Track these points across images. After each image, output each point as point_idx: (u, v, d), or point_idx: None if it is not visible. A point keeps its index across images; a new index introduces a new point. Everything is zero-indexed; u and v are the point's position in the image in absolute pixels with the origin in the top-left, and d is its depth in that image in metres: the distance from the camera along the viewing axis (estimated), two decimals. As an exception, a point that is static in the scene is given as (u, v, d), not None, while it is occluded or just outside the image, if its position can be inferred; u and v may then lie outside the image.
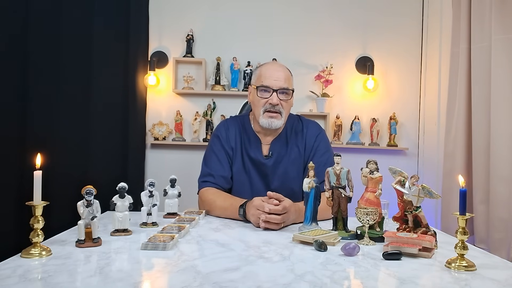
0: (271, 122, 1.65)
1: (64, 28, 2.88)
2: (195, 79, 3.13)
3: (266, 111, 1.64)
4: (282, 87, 1.64)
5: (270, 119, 1.64)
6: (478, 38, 2.29)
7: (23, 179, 2.63)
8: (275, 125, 1.66)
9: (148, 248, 1.07)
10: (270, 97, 1.63)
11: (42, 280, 0.84)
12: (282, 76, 1.66)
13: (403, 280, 0.89)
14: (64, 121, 2.87)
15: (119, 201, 1.22)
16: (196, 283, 0.83)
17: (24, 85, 2.81)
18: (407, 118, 3.19)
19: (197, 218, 1.44)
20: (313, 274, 0.91)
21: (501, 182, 2.10)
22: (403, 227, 1.22)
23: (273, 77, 1.64)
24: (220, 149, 1.73)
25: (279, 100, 1.63)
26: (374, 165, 1.25)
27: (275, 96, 1.63)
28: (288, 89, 1.66)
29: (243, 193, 1.65)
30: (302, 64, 3.16)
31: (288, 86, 1.66)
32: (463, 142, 2.38)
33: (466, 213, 0.98)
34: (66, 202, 1.78)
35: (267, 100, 1.63)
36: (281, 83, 1.64)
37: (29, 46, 2.82)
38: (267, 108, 1.64)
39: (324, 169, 1.32)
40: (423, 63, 3.17)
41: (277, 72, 1.66)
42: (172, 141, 3.09)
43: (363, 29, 3.19)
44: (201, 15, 3.17)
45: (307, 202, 1.30)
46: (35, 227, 0.99)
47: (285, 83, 1.65)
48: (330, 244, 1.14)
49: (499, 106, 2.13)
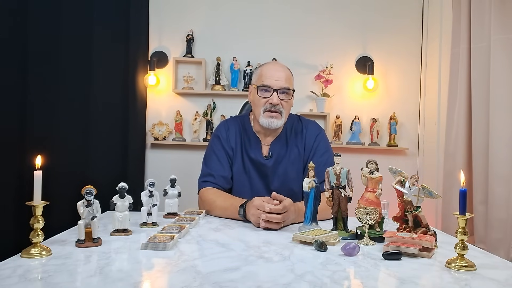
0: (271, 122, 1.65)
1: (64, 28, 2.88)
2: (195, 79, 3.13)
3: (267, 110, 1.65)
4: (283, 87, 1.64)
5: (270, 118, 1.65)
6: (477, 38, 2.29)
7: (23, 179, 2.63)
8: (275, 125, 1.66)
9: (148, 248, 1.07)
10: (271, 97, 1.63)
11: (42, 280, 0.84)
12: (283, 76, 1.66)
13: (403, 280, 0.89)
14: (64, 121, 2.87)
15: (119, 201, 1.22)
16: (196, 283, 0.83)
17: (24, 86, 2.81)
18: (407, 118, 3.20)
19: (197, 218, 1.44)
20: (313, 274, 0.91)
21: (500, 183, 2.10)
22: (403, 227, 1.22)
23: (274, 77, 1.65)
24: (220, 149, 1.74)
25: (280, 100, 1.64)
26: (374, 165, 1.25)
27: (276, 95, 1.63)
28: (289, 89, 1.66)
29: (243, 193, 1.65)
30: (302, 64, 3.16)
31: (289, 86, 1.67)
32: (464, 142, 2.38)
33: (466, 213, 0.98)
34: (66, 202, 1.77)
35: (268, 100, 1.64)
36: (281, 83, 1.64)
37: (29, 46, 2.82)
38: (267, 108, 1.64)
39: (324, 169, 1.32)
40: (423, 63, 3.17)
41: (278, 72, 1.67)
42: (172, 141, 3.09)
43: (363, 29, 3.19)
44: (201, 15, 3.17)
45: (307, 202, 1.30)
46: (35, 227, 0.99)
47: (286, 83, 1.65)
48: (330, 244, 1.14)
49: (499, 106, 2.13)
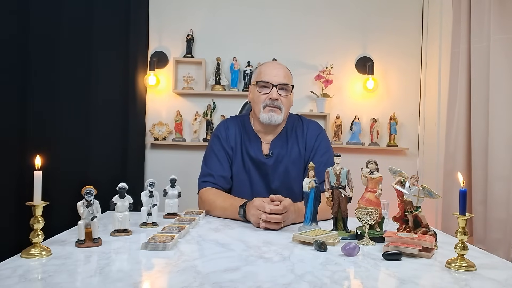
0: (271, 116, 1.65)
1: (64, 28, 2.88)
2: (195, 79, 3.13)
3: (266, 106, 1.66)
4: (282, 82, 1.66)
5: (270, 113, 1.66)
6: (477, 38, 2.29)
7: (23, 179, 2.63)
8: (275, 120, 1.66)
9: (148, 248, 1.07)
10: (270, 93, 1.65)
11: (42, 280, 0.84)
12: (281, 73, 1.69)
13: (403, 280, 0.89)
14: (64, 121, 2.87)
15: (119, 201, 1.22)
16: (196, 283, 0.83)
17: (24, 86, 2.81)
18: (407, 118, 3.19)
19: (197, 218, 1.44)
20: (313, 274, 0.91)
21: (499, 183, 2.10)
22: (403, 227, 1.22)
23: (272, 73, 1.67)
24: (220, 149, 1.74)
25: (279, 95, 1.65)
26: (374, 165, 1.25)
27: (275, 91, 1.65)
28: (288, 85, 1.68)
29: (243, 192, 1.66)
30: (302, 64, 3.16)
31: (288, 82, 1.69)
32: (464, 142, 2.38)
33: (466, 213, 0.98)
34: (66, 202, 1.78)
35: (267, 96, 1.65)
36: (280, 79, 1.67)
37: (29, 46, 2.82)
38: (267, 104, 1.66)
39: (324, 169, 1.32)
40: (423, 63, 3.17)
41: (276, 69, 1.70)
42: (172, 141, 3.09)
43: (363, 29, 3.19)
44: (201, 15, 3.17)
45: (307, 202, 1.30)
46: (35, 227, 0.99)
47: (285, 79, 1.68)
48: (330, 244, 1.14)
49: (498, 106, 2.13)
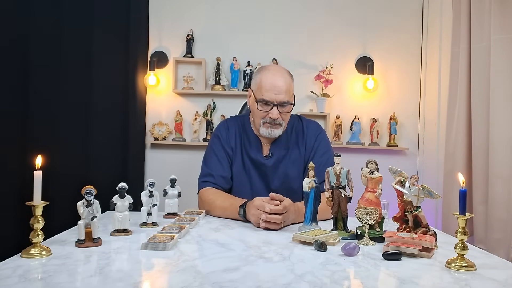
0: (271, 132, 1.65)
1: (64, 28, 2.88)
2: (195, 79, 3.13)
3: (266, 123, 1.64)
4: (283, 101, 1.61)
5: (270, 129, 1.64)
6: (477, 38, 2.29)
7: (23, 179, 2.63)
8: (275, 134, 1.66)
9: (148, 248, 1.07)
10: (270, 112, 1.61)
11: (42, 280, 0.84)
12: (282, 87, 1.60)
13: (403, 280, 0.89)
14: (64, 121, 2.87)
15: (119, 201, 1.22)
16: (196, 283, 0.83)
17: (24, 86, 2.81)
18: (407, 118, 3.19)
19: (197, 218, 1.44)
20: (313, 274, 0.91)
21: (500, 183, 2.10)
22: (403, 227, 1.22)
23: (273, 89, 1.59)
24: (220, 149, 1.73)
25: (279, 113, 1.61)
26: (374, 165, 1.25)
27: (275, 110, 1.60)
28: (289, 103, 1.63)
29: (243, 193, 1.65)
30: (302, 64, 3.16)
31: (289, 99, 1.63)
32: (464, 142, 2.38)
33: (466, 213, 0.98)
34: (66, 202, 1.77)
35: (267, 114, 1.62)
36: (281, 97, 1.60)
37: (29, 46, 2.82)
38: (267, 121, 1.63)
39: (324, 169, 1.32)
40: (423, 63, 3.17)
41: (277, 82, 1.61)
42: (172, 141, 3.09)
43: (363, 29, 3.19)
44: (201, 15, 3.17)
45: (307, 202, 1.30)
46: (35, 227, 0.99)
47: (286, 96, 1.61)
48: (330, 244, 1.14)
49: (499, 106, 2.13)
